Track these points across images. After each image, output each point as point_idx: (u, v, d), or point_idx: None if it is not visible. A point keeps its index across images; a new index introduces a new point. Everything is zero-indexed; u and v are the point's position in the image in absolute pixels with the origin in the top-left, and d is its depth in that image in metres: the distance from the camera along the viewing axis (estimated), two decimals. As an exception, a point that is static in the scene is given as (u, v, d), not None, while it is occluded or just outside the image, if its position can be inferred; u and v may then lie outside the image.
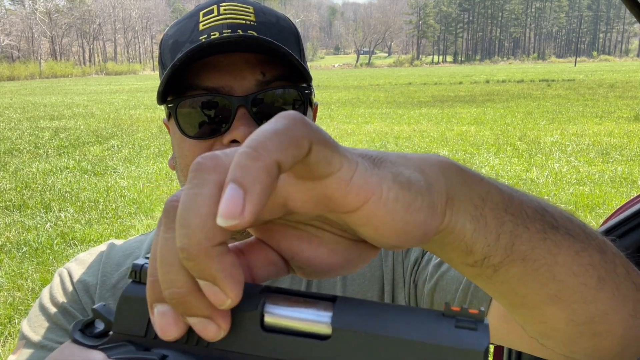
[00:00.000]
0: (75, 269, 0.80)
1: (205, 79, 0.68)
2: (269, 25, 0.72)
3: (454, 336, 0.27)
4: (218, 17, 0.70)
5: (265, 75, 0.69)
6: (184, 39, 0.71)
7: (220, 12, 0.70)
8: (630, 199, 1.37)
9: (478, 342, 0.27)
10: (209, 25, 0.69)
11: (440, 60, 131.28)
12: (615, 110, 14.95)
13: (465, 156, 8.98)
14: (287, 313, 0.29)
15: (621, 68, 48.61)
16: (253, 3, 0.74)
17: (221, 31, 0.68)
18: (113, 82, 46.19)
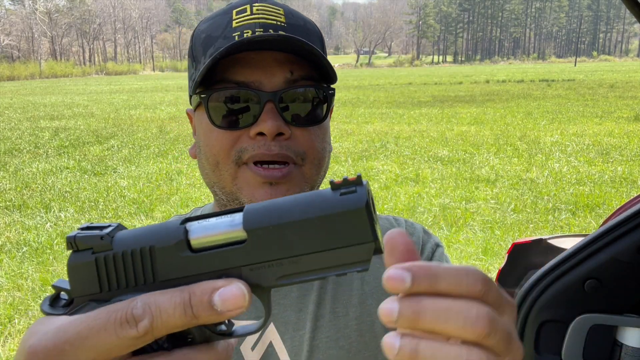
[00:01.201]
0: None
1: (237, 73, 0.71)
2: (297, 27, 0.75)
3: (340, 203, 0.32)
4: (251, 16, 0.73)
5: (293, 74, 0.72)
6: (217, 34, 0.74)
7: (253, 12, 0.74)
8: (630, 199, 1.37)
9: (359, 200, 0.32)
10: (242, 23, 0.73)
11: (440, 60, 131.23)
12: (615, 110, 14.94)
13: (465, 156, 8.98)
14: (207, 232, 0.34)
15: (621, 68, 48.59)
16: (283, 5, 0.77)
17: (254, 30, 0.71)
18: (113, 82, 46.18)
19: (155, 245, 0.35)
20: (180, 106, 19.95)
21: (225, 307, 0.33)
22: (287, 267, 0.34)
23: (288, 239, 0.33)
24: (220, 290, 0.33)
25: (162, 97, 25.46)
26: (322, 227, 0.33)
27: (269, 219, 0.33)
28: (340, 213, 0.32)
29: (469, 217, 5.70)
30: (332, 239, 0.33)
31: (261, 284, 0.34)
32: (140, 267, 0.35)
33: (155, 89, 33.58)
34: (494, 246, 4.85)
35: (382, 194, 6.69)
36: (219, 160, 0.74)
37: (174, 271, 0.34)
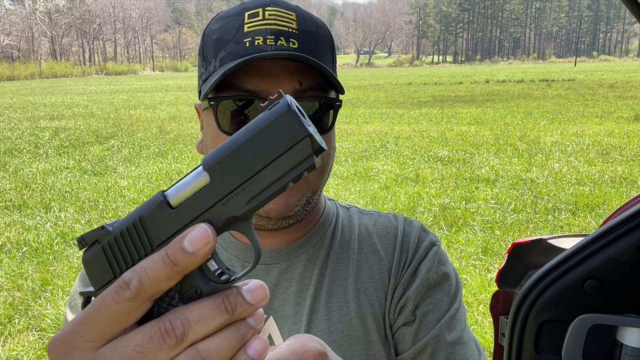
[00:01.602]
0: None
1: (246, 81, 0.72)
2: (309, 33, 0.75)
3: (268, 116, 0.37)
4: (262, 21, 0.73)
5: (302, 84, 0.73)
6: (228, 38, 0.74)
7: (265, 17, 0.73)
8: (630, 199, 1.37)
9: (282, 107, 0.36)
10: (253, 29, 0.73)
11: (440, 60, 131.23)
12: (615, 110, 14.95)
13: (465, 156, 8.98)
14: (179, 190, 0.39)
15: (621, 68, 48.60)
16: (295, 9, 0.77)
17: (265, 37, 0.72)
18: (113, 82, 46.18)
19: (142, 215, 0.39)
20: (180, 106, 19.96)
21: (195, 246, 0.36)
22: (249, 189, 0.37)
23: (240, 164, 0.37)
24: (187, 235, 0.37)
25: (162, 97, 25.47)
26: (262, 141, 0.37)
27: (221, 154, 0.38)
28: (271, 123, 0.36)
29: (469, 217, 5.70)
30: (274, 148, 0.37)
31: (236, 213, 0.38)
32: (137, 240, 0.39)
33: (155, 89, 33.58)
34: (494, 246, 4.85)
35: (382, 194, 6.69)
36: None
37: (164, 232, 0.39)
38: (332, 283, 0.81)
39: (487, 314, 3.60)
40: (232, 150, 0.37)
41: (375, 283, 0.82)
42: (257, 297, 0.38)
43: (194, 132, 12.72)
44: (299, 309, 0.78)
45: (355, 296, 0.80)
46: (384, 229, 0.87)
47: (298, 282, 0.80)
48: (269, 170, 0.37)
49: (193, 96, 25.41)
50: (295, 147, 0.37)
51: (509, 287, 1.41)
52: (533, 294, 1.21)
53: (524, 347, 1.24)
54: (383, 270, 0.83)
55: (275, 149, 0.37)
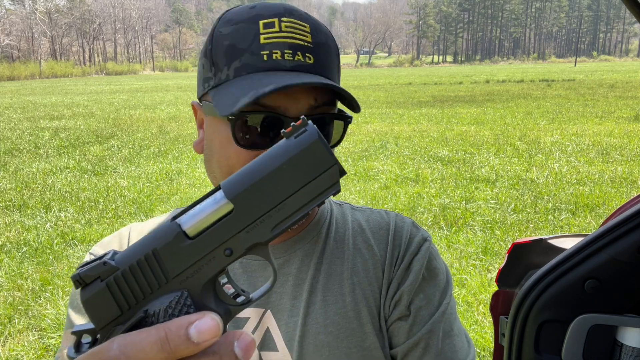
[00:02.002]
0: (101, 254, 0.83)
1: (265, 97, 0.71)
2: (322, 46, 0.76)
3: (297, 144, 0.36)
4: (279, 33, 0.72)
5: (317, 101, 0.74)
6: (244, 47, 0.72)
7: (281, 29, 0.72)
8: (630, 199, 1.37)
9: (311, 136, 0.36)
10: (270, 41, 0.72)
11: (440, 60, 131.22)
12: (615, 110, 14.95)
13: (465, 156, 8.98)
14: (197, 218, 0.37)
15: (621, 68, 48.60)
16: (307, 18, 0.76)
17: (282, 50, 0.71)
18: (113, 82, 46.18)
19: (157, 247, 0.37)
20: (180, 106, 19.96)
21: (202, 339, 0.34)
22: (275, 216, 0.37)
23: (267, 192, 0.37)
24: (195, 323, 0.34)
25: (162, 97, 25.47)
26: (291, 169, 0.36)
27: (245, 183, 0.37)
28: (301, 152, 0.36)
29: (469, 217, 5.70)
30: (303, 176, 0.37)
31: (260, 240, 0.38)
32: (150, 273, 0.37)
33: (155, 89, 33.58)
34: (494, 246, 4.85)
35: (382, 194, 6.69)
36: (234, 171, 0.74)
37: (181, 264, 0.37)
38: (329, 278, 0.83)
39: (487, 314, 3.60)
40: (259, 180, 0.36)
41: (370, 277, 0.84)
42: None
43: (193, 132, 12.72)
44: (295, 302, 0.80)
45: (351, 290, 0.83)
46: (376, 225, 0.89)
47: (295, 277, 0.82)
48: (297, 196, 0.37)
49: (193, 96, 25.40)
50: (324, 174, 0.37)
51: (509, 287, 1.41)
52: (533, 294, 1.21)
53: (524, 347, 1.24)
54: (377, 265, 0.85)
55: (304, 177, 0.37)
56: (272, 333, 0.79)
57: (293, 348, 0.78)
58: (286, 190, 0.37)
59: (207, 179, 7.77)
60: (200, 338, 0.34)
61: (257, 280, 0.82)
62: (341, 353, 0.79)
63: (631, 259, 1.12)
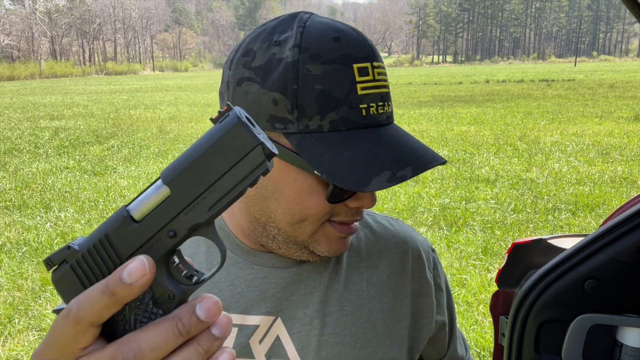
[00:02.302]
0: None
1: None
2: None
3: (221, 128, 0.39)
4: (374, 82, 0.68)
5: None
6: (340, 97, 0.66)
7: (375, 77, 0.68)
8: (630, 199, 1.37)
9: (233, 120, 0.39)
10: (366, 92, 0.67)
11: (440, 60, 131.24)
12: (615, 110, 14.95)
13: (465, 156, 8.98)
14: (141, 204, 0.41)
15: (621, 68, 48.61)
16: (378, 54, 0.72)
17: (377, 103, 0.68)
18: (113, 82, 46.19)
19: (108, 231, 0.41)
20: (180, 106, 19.96)
21: (133, 278, 0.38)
22: (209, 197, 0.40)
23: (199, 175, 0.40)
24: (126, 267, 0.38)
25: (162, 97, 25.47)
26: (217, 153, 0.39)
27: (178, 168, 0.40)
28: (223, 135, 0.39)
29: (469, 217, 5.70)
30: (229, 158, 0.39)
31: (199, 221, 0.40)
32: (105, 255, 0.41)
33: (155, 89, 33.58)
34: (494, 246, 4.85)
35: (382, 194, 6.69)
36: (307, 220, 0.72)
37: (130, 245, 0.41)
38: (346, 287, 0.83)
39: (487, 314, 3.60)
40: (190, 163, 0.40)
41: (385, 289, 0.86)
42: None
43: (193, 132, 12.72)
44: (307, 311, 0.80)
45: (367, 301, 0.83)
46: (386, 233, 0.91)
47: (306, 286, 0.81)
48: (227, 178, 0.40)
49: (193, 96, 25.41)
50: (248, 155, 0.39)
51: (509, 287, 1.41)
52: (533, 294, 1.21)
53: (524, 347, 1.24)
54: (391, 276, 0.87)
55: (230, 159, 0.39)
56: (283, 341, 0.78)
57: (307, 357, 0.77)
58: (215, 173, 0.39)
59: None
60: (130, 278, 0.38)
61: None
62: None
63: (631, 259, 1.12)
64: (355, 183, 0.63)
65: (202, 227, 0.41)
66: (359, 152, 0.65)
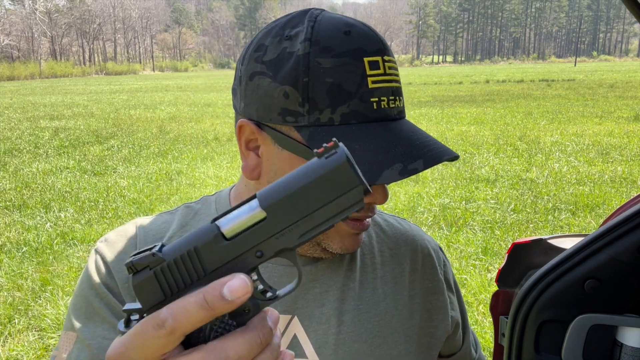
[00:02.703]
0: (109, 255, 0.80)
1: None
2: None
3: (327, 164, 0.41)
4: (385, 76, 0.68)
5: None
6: (351, 90, 0.66)
7: (385, 71, 0.68)
8: (630, 199, 1.37)
9: (341, 158, 0.40)
10: (378, 86, 0.67)
11: (440, 60, 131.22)
12: (615, 110, 14.95)
13: (465, 156, 8.98)
14: (234, 222, 0.42)
15: (621, 68, 48.61)
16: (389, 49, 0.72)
17: (388, 97, 0.68)
18: (113, 82, 46.19)
19: (198, 245, 0.42)
20: (180, 106, 19.96)
21: (234, 296, 0.39)
22: (302, 226, 0.42)
23: (297, 204, 0.41)
24: (227, 284, 0.40)
25: (162, 97, 25.47)
26: (320, 186, 0.41)
27: (278, 195, 0.41)
28: (330, 171, 0.41)
29: (469, 217, 5.70)
30: (329, 193, 0.41)
31: (287, 246, 0.42)
32: (191, 267, 0.42)
33: (155, 89, 33.58)
34: (494, 246, 4.85)
35: (382, 194, 6.69)
36: None
37: (218, 261, 0.42)
38: (361, 286, 0.84)
39: (487, 314, 3.60)
40: (290, 192, 0.41)
41: (398, 287, 0.86)
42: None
43: (193, 132, 12.72)
44: (323, 309, 0.80)
45: (382, 299, 0.84)
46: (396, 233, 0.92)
47: (322, 284, 0.82)
48: (323, 210, 0.42)
49: (193, 96, 25.41)
50: (348, 193, 0.41)
51: (509, 287, 1.41)
52: (533, 294, 1.21)
53: (524, 347, 1.24)
54: (404, 274, 0.88)
55: (331, 194, 0.41)
56: (300, 340, 0.78)
57: (325, 355, 0.78)
58: (314, 205, 0.41)
59: (207, 179, 7.78)
60: (232, 295, 0.39)
61: (283, 285, 0.83)
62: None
63: (631, 259, 1.12)
64: (366, 176, 0.63)
65: (288, 251, 0.43)
66: (370, 145, 0.65)
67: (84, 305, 0.77)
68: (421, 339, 0.86)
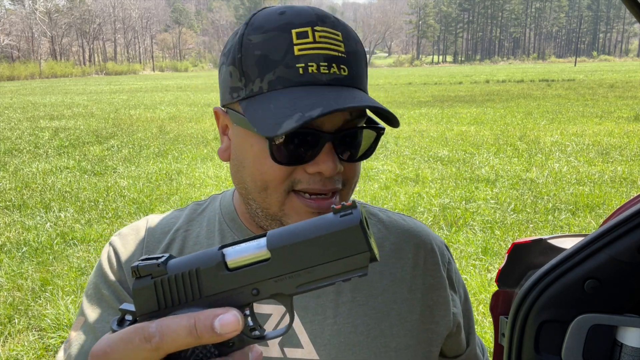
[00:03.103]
0: (121, 247, 0.86)
1: None
2: (354, 55, 0.73)
3: (340, 223, 0.41)
4: (314, 44, 0.70)
5: (352, 115, 0.74)
6: (277, 58, 0.69)
7: (315, 39, 0.70)
8: (630, 199, 1.37)
9: (354, 220, 0.41)
10: (304, 53, 0.69)
11: (440, 60, 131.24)
12: (615, 110, 14.95)
13: (465, 156, 8.98)
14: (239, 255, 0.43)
15: (621, 68, 48.61)
16: (339, 24, 0.74)
17: (318, 63, 0.69)
18: (113, 82, 46.19)
19: (200, 267, 0.43)
20: (180, 106, 19.96)
21: (224, 330, 0.40)
22: (303, 277, 0.42)
23: (303, 254, 0.41)
24: (220, 317, 0.40)
25: (162, 97, 25.47)
26: (329, 242, 0.41)
27: (286, 240, 0.42)
28: (341, 230, 0.41)
29: (469, 217, 5.70)
30: (337, 251, 0.41)
31: (284, 292, 0.43)
32: (189, 286, 0.43)
33: (155, 89, 33.59)
34: (494, 246, 4.85)
35: (382, 194, 6.69)
36: (269, 186, 0.74)
37: (215, 287, 0.43)
38: (358, 279, 0.84)
39: (487, 314, 3.60)
40: (299, 242, 0.42)
41: (398, 281, 0.86)
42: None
43: (193, 132, 12.72)
44: (319, 301, 0.81)
45: (380, 292, 0.85)
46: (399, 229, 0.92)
47: None
48: (326, 267, 0.42)
49: (193, 96, 25.42)
50: (355, 256, 0.41)
51: (509, 287, 1.41)
52: (533, 294, 1.21)
53: (523, 347, 1.24)
54: (405, 269, 0.88)
55: (338, 252, 0.41)
56: (296, 330, 0.80)
57: (321, 346, 0.79)
58: (318, 259, 0.41)
59: (206, 179, 7.77)
60: (222, 330, 0.40)
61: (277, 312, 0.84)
62: (370, 352, 0.81)
63: (631, 259, 1.12)
64: (268, 128, 0.67)
65: (284, 296, 0.43)
66: (283, 104, 0.68)
67: (94, 292, 0.83)
68: (421, 334, 0.86)
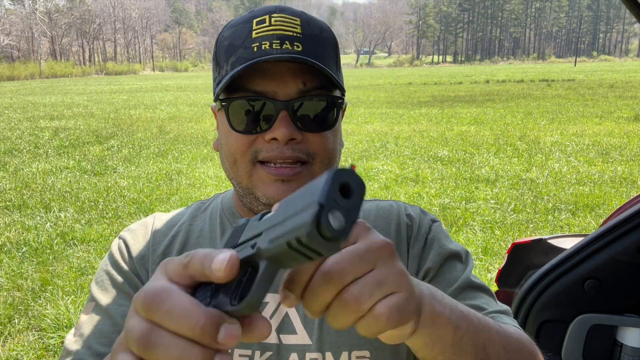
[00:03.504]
0: (130, 240, 0.93)
1: (255, 83, 0.79)
2: (313, 37, 0.80)
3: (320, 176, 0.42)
4: (269, 27, 0.79)
5: (306, 85, 0.79)
6: (238, 43, 0.80)
7: (271, 23, 0.79)
8: (630, 199, 1.37)
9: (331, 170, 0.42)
10: (260, 34, 0.78)
11: (440, 60, 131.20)
12: (615, 110, 14.95)
13: (465, 156, 8.98)
14: None
15: (621, 68, 48.59)
16: (301, 14, 0.82)
17: (271, 41, 0.77)
18: (113, 82, 46.17)
19: None
20: (180, 106, 19.95)
21: (216, 267, 0.41)
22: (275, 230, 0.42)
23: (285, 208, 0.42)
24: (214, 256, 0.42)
25: (162, 97, 25.46)
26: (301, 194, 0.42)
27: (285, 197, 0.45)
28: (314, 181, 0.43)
29: (469, 217, 5.70)
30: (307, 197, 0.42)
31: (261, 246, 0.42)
32: None
33: (155, 89, 33.58)
34: (494, 246, 4.85)
35: (382, 194, 6.69)
36: (237, 159, 0.82)
37: None
38: None
39: (487, 314, 3.59)
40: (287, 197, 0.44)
41: None
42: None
43: (193, 132, 12.72)
44: None
45: None
46: (386, 212, 0.94)
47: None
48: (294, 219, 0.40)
49: (193, 96, 25.41)
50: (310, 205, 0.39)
51: (509, 287, 1.41)
52: (533, 294, 1.21)
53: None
54: None
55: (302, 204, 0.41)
56: (291, 317, 0.83)
57: (311, 329, 0.82)
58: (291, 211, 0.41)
59: (206, 179, 7.78)
60: (214, 267, 0.41)
61: None
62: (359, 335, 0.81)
63: (631, 259, 1.12)
64: (216, 95, 0.80)
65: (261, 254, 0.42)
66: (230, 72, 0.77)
67: (106, 278, 0.89)
68: None
